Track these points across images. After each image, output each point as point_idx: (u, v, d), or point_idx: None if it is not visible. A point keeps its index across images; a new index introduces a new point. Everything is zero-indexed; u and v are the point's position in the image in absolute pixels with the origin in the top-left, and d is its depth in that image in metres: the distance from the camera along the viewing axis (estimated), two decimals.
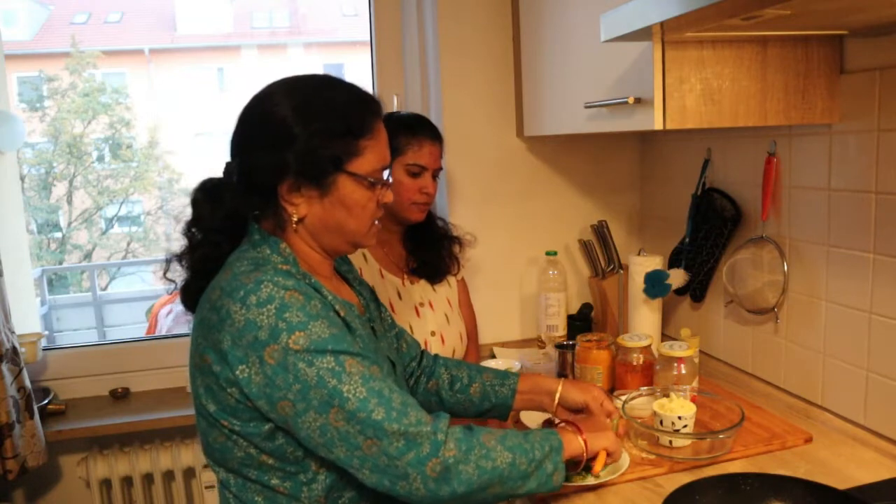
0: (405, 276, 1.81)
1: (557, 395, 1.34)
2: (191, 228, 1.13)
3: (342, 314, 1.08)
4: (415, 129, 1.71)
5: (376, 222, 1.17)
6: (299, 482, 1.06)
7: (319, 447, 1.00)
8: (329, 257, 1.17)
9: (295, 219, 1.09)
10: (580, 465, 1.17)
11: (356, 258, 1.77)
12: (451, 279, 1.89)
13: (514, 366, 1.71)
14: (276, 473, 1.05)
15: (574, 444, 1.15)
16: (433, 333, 1.77)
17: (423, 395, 1.40)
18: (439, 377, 1.41)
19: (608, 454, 1.19)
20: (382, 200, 1.14)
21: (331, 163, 1.07)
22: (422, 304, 1.79)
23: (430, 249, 1.83)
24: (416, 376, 1.41)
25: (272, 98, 1.09)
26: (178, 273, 1.14)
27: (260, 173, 1.07)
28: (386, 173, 1.15)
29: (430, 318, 1.78)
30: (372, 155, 1.10)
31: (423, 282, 1.83)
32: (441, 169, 1.76)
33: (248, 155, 1.09)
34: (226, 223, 1.12)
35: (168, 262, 1.14)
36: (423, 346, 1.73)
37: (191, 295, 1.13)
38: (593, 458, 1.20)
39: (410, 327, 1.74)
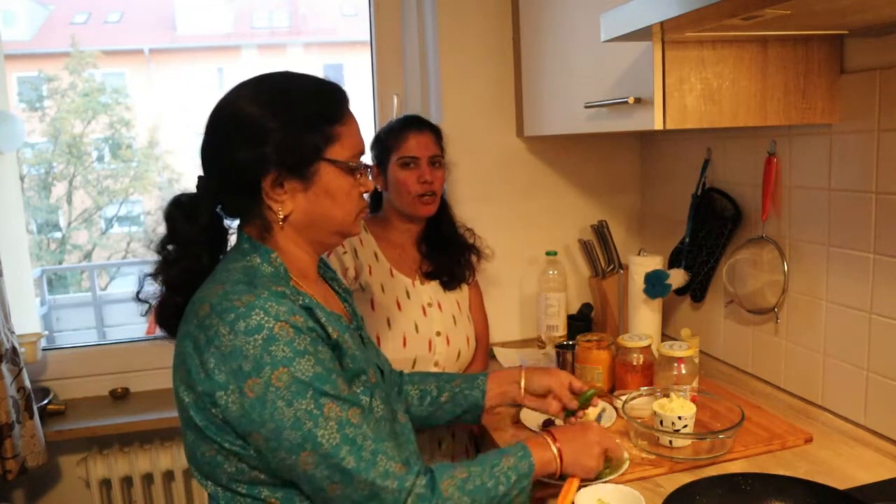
0: (417, 277, 1.81)
1: (522, 383, 1.39)
2: (166, 245, 1.11)
3: (335, 336, 1.05)
4: (398, 128, 1.78)
5: (367, 209, 1.16)
6: (292, 494, 1.04)
7: (287, 476, 1.01)
8: (315, 256, 1.16)
9: (281, 216, 1.07)
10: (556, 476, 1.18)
11: (367, 256, 1.77)
12: (463, 284, 1.89)
13: None
14: (267, 486, 1.03)
15: (546, 457, 1.14)
16: (438, 334, 1.76)
17: None
18: (407, 395, 1.40)
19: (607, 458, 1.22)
20: (364, 189, 1.13)
21: (311, 150, 1.06)
22: (430, 305, 1.79)
23: (444, 255, 1.84)
24: None
25: (238, 100, 1.08)
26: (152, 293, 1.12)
27: (241, 174, 1.06)
28: (365, 160, 1.14)
29: (436, 318, 1.78)
30: (347, 140, 1.09)
31: (434, 283, 1.83)
32: (438, 155, 1.78)
33: (225, 159, 1.07)
34: (203, 236, 1.10)
35: (142, 281, 1.12)
36: (427, 346, 1.74)
37: (168, 312, 1.11)
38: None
39: (416, 326, 1.74)
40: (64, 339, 6.12)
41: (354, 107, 1.14)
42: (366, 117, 2.34)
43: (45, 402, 2.02)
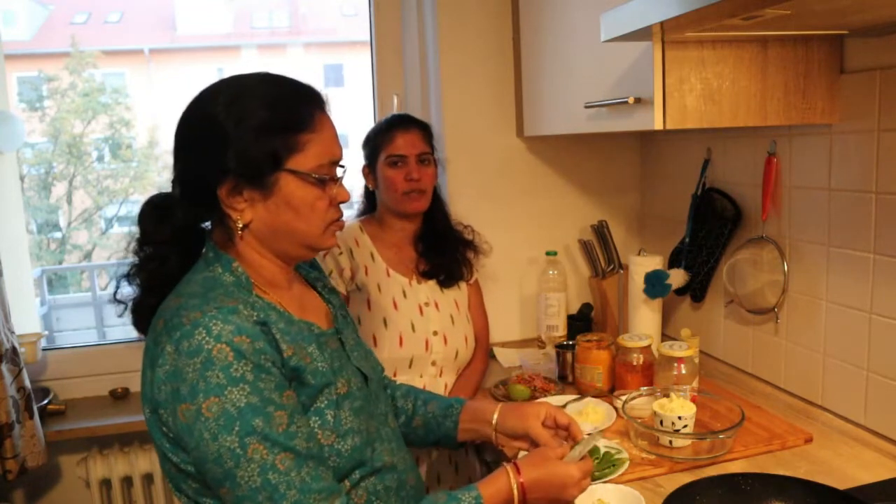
0: (414, 277, 1.81)
1: (494, 422, 1.24)
2: (141, 246, 1.08)
3: (288, 354, 1.00)
4: (385, 127, 1.79)
5: (342, 220, 1.10)
6: None
7: None
8: (285, 265, 1.10)
9: (240, 225, 1.03)
10: None
11: (363, 257, 1.77)
12: (462, 283, 1.89)
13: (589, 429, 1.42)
14: None
15: (504, 497, 1.05)
16: (435, 333, 1.76)
17: None
18: None
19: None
20: (337, 200, 1.07)
21: (269, 160, 1.00)
22: (427, 304, 1.79)
23: (442, 253, 1.84)
24: None
25: (205, 100, 1.04)
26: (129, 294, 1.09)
27: (198, 179, 1.03)
28: (340, 171, 1.08)
29: (433, 317, 1.78)
30: (315, 149, 1.03)
31: (431, 282, 1.83)
32: (427, 153, 1.78)
33: (186, 161, 1.05)
34: (175, 238, 1.07)
35: (118, 282, 1.09)
36: (424, 345, 1.74)
37: (142, 314, 1.08)
38: None
39: (413, 325, 1.74)
40: (64, 339, 6.11)
41: (353, 108, 1.11)
42: (366, 117, 2.34)
43: (45, 402, 2.02)
